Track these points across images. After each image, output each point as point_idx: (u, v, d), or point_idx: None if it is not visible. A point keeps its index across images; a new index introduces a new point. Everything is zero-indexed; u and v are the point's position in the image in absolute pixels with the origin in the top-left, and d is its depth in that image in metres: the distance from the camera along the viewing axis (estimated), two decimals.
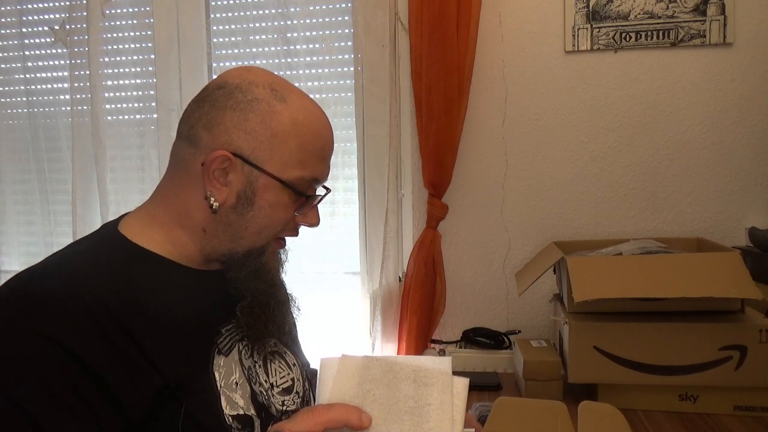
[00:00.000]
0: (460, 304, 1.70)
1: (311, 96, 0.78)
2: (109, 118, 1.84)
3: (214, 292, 0.76)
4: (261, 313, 0.76)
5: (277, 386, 0.79)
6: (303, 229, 0.83)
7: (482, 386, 1.39)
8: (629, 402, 1.21)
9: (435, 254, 1.64)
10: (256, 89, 0.74)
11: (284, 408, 0.78)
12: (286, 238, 0.82)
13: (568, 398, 1.25)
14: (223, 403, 0.69)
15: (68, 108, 1.85)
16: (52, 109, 1.91)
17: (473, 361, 1.56)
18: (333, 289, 1.77)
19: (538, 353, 1.35)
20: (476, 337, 1.62)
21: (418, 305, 1.62)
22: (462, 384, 0.59)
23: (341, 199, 1.77)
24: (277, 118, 0.73)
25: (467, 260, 1.69)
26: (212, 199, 0.73)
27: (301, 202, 0.77)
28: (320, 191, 0.84)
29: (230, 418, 0.69)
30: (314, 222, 0.81)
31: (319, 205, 0.82)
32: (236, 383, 0.72)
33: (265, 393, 0.76)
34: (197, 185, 0.74)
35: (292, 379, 0.82)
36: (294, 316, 0.88)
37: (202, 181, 0.73)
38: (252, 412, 0.72)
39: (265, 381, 0.77)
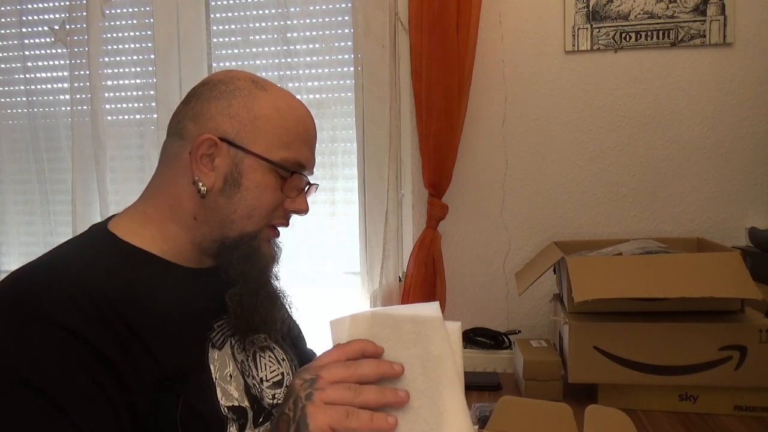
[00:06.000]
0: (460, 304, 1.70)
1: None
2: (109, 118, 1.84)
3: (206, 289, 0.78)
4: (249, 303, 0.76)
5: (267, 380, 0.81)
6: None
7: (482, 386, 1.39)
8: (629, 402, 1.21)
9: (435, 254, 1.64)
10: (238, 81, 0.78)
11: (275, 401, 0.79)
12: (279, 229, 0.83)
13: (568, 398, 1.25)
14: (219, 394, 0.71)
15: (68, 108, 1.85)
16: (52, 109, 1.91)
17: (473, 361, 1.55)
18: (333, 289, 1.77)
19: (538, 353, 1.35)
20: (476, 337, 1.62)
21: None
22: (455, 326, 0.65)
23: (341, 199, 1.76)
24: (259, 103, 0.76)
25: (467, 260, 1.69)
26: (200, 183, 0.75)
27: (287, 178, 0.78)
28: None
29: (225, 408, 0.71)
30: (303, 208, 0.82)
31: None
32: (230, 375, 0.74)
33: (257, 386, 0.78)
34: (186, 175, 0.76)
35: (282, 374, 0.83)
36: (289, 313, 0.88)
37: (190, 170, 0.75)
38: (246, 403, 0.74)
39: (256, 375, 0.79)
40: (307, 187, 0.84)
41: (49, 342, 0.59)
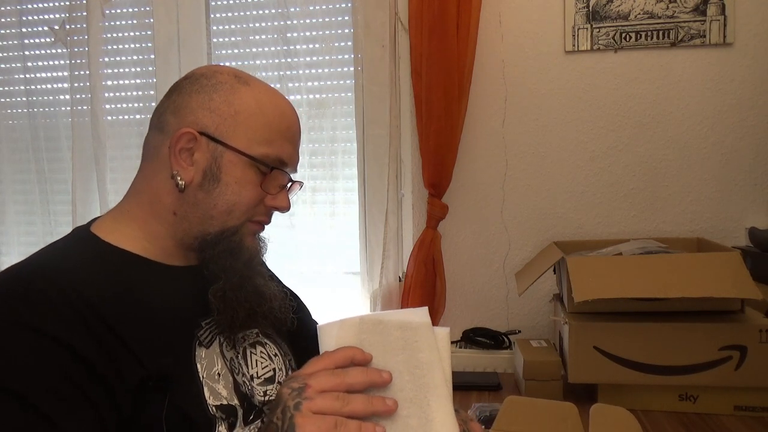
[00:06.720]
0: (460, 304, 1.70)
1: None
2: (109, 118, 1.85)
3: (192, 287, 0.77)
4: (232, 298, 0.75)
5: (258, 377, 0.80)
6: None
7: (482, 386, 1.39)
8: (629, 402, 1.20)
9: (435, 254, 1.64)
10: (220, 75, 0.77)
11: (266, 398, 0.79)
12: (263, 223, 0.82)
13: (569, 398, 1.25)
14: (206, 393, 0.70)
15: (68, 108, 1.85)
16: (52, 109, 1.91)
17: (473, 361, 1.56)
18: (333, 289, 1.77)
19: (538, 353, 1.35)
20: (476, 337, 1.62)
21: (418, 305, 1.61)
22: (443, 332, 0.66)
23: (341, 199, 1.76)
24: (241, 98, 0.76)
25: (467, 260, 1.69)
26: (178, 177, 0.74)
27: (267, 174, 0.77)
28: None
29: (213, 407, 0.70)
30: (284, 205, 0.81)
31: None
32: (218, 374, 0.73)
33: (247, 383, 0.77)
34: (166, 169, 0.75)
35: (274, 369, 0.82)
36: (286, 306, 0.84)
37: (169, 164, 0.74)
38: (235, 401, 0.73)
39: (246, 372, 0.78)
40: (290, 184, 0.83)
41: (28, 347, 0.59)
